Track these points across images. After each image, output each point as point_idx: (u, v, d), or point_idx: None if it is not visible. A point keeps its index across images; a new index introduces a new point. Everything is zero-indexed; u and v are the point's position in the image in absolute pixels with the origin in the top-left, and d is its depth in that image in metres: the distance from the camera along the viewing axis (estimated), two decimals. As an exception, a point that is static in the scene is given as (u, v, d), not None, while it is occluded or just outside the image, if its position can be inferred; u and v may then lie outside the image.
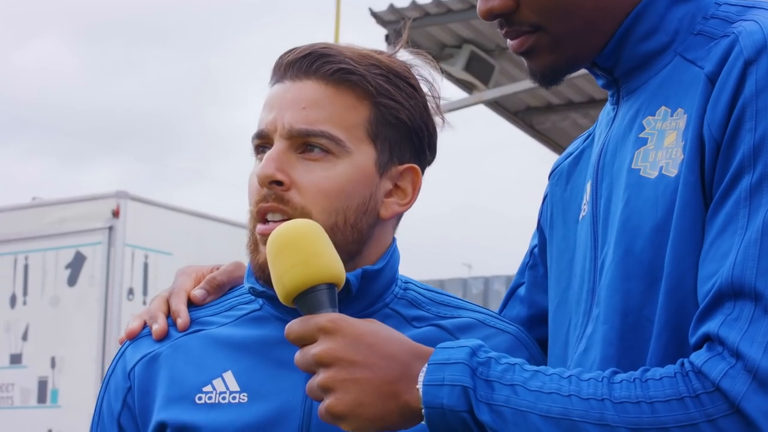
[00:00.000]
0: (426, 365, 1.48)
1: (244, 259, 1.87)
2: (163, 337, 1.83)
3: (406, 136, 1.80)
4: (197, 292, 1.88)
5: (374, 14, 9.34)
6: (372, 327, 1.53)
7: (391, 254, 1.81)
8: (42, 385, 8.73)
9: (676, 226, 1.48)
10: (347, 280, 1.69)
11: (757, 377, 1.36)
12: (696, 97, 1.50)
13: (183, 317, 1.84)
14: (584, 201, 1.69)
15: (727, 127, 1.45)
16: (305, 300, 1.55)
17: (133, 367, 1.83)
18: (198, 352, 1.80)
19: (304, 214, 1.70)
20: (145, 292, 8.98)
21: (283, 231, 1.58)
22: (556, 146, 11.03)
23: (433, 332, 1.78)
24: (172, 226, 9.31)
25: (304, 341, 1.52)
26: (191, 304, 1.88)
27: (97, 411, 1.87)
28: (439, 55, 9.15)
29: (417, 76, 1.84)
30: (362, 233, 1.76)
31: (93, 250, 8.82)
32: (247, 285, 1.81)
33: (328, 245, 1.58)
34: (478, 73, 9.33)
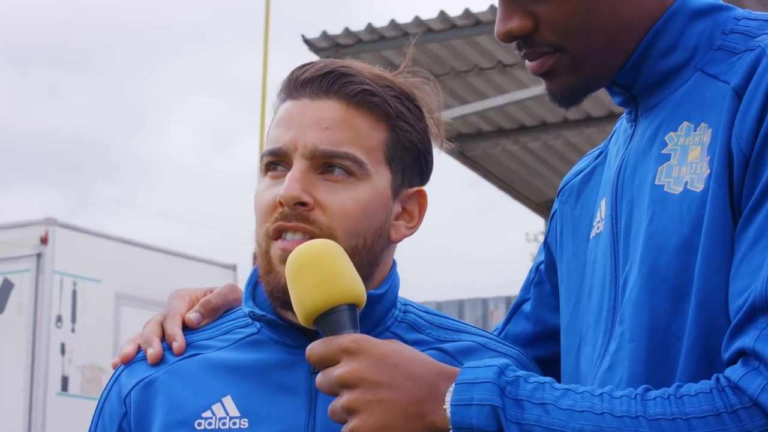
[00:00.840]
0: (453, 385, 1.47)
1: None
2: (159, 362, 1.78)
3: (416, 159, 1.79)
4: (192, 316, 1.84)
5: (307, 41, 9.34)
6: (395, 347, 1.51)
7: (393, 278, 1.80)
8: (-31, 415, 8.55)
9: (705, 241, 1.48)
10: None
11: None
12: (723, 111, 1.50)
13: (179, 341, 1.80)
14: (597, 218, 1.69)
15: (756, 141, 1.46)
16: (326, 321, 1.52)
17: (129, 392, 1.78)
18: (196, 376, 1.76)
19: (330, 234, 1.67)
20: (73, 320, 8.85)
21: (302, 252, 1.56)
22: (486, 173, 11.12)
23: (434, 356, 1.74)
24: (100, 253, 9.22)
25: (326, 363, 1.49)
26: (186, 328, 1.83)
27: (90, 437, 1.83)
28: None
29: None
30: (376, 256, 1.74)
31: (21, 278, 8.70)
32: (246, 309, 1.78)
33: (348, 265, 1.56)
34: (410, 99, 9.35)
